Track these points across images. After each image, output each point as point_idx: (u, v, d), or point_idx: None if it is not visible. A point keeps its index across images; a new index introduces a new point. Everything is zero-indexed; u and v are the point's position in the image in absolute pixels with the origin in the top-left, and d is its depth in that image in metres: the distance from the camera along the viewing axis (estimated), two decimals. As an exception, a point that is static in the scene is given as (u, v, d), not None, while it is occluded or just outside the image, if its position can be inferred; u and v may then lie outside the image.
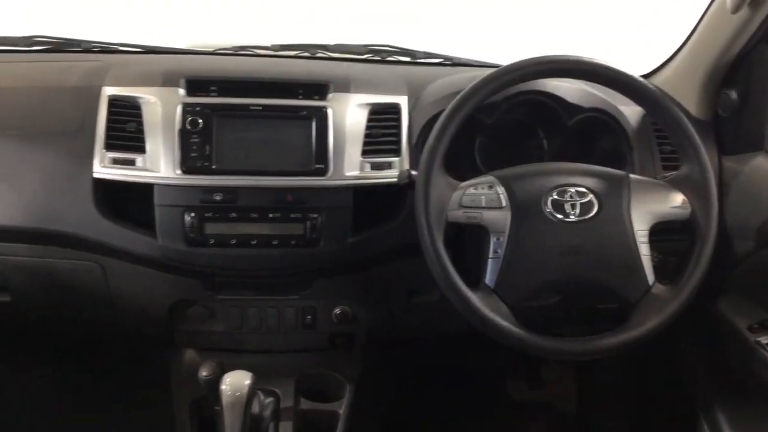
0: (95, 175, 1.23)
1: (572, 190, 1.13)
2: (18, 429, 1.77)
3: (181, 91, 1.26)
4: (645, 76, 1.57)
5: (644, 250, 1.12)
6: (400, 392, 1.87)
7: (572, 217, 1.12)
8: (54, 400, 1.81)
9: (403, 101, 1.33)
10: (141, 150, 1.23)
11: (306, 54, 1.55)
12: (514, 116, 1.40)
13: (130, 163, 1.23)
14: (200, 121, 1.24)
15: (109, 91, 1.27)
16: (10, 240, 1.28)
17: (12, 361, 1.82)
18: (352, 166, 1.26)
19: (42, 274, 1.32)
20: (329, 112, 1.27)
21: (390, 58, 1.57)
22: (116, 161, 1.23)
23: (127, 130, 1.24)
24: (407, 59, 1.57)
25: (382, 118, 1.31)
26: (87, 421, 1.77)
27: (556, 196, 1.13)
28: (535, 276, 1.12)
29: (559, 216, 1.12)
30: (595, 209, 1.13)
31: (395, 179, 1.26)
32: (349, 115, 1.29)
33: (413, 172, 1.21)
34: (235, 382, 1.15)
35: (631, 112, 1.38)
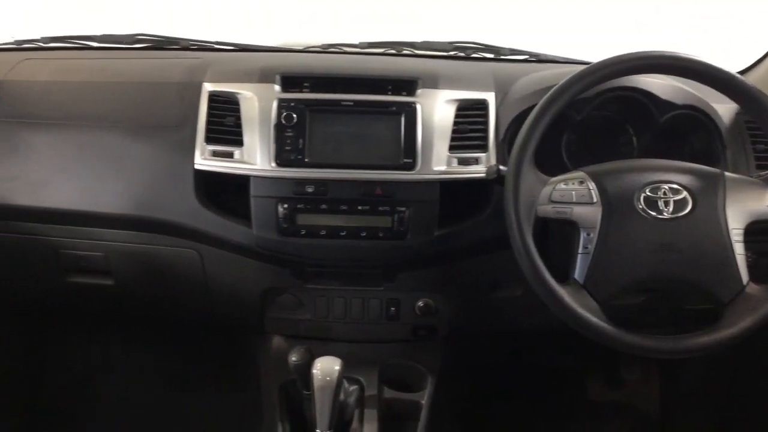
0: (196, 167, 1.29)
1: (666, 186, 1.12)
2: (119, 404, 1.87)
3: (277, 87, 1.31)
4: (739, 73, 1.53)
5: (739, 249, 1.10)
6: (479, 387, 1.88)
7: (665, 214, 1.11)
8: (153, 379, 1.91)
9: (490, 97, 1.34)
10: (239, 143, 1.28)
11: (392, 51, 1.58)
12: (604, 112, 1.39)
13: (229, 155, 1.28)
14: (294, 115, 1.28)
15: (209, 87, 1.33)
16: (116, 227, 1.36)
17: (113, 342, 1.93)
18: (439, 160, 1.29)
19: (144, 260, 1.40)
20: (418, 107, 1.30)
21: (475, 55, 1.58)
22: (215, 154, 1.29)
23: (225, 124, 1.30)
24: (492, 56, 1.58)
25: (469, 114, 1.32)
26: (182, 400, 1.86)
27: (648, 193, 1.12)
28: (626, 273, 1.11)
29: (652, 213, 1.11)
30: (689, 207, 1.11)
31: (483, 174, 1.28)
32: (437, 110, 1.31)
33: (501, 167, 1.22)
34: (326, 367, 1.18)
35: (724, 109, 1.35)
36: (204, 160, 1.29)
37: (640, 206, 1.11)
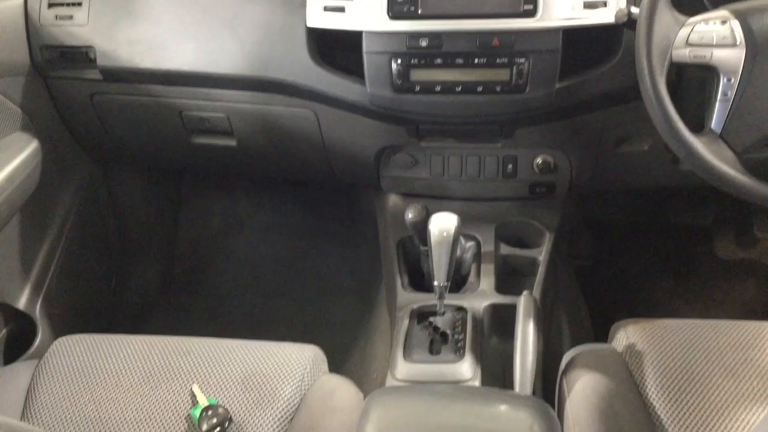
0: (308, 24, 1.27)
1: None
2: (249, 258, 2.01)
3: None
4: None
5: None
6: (600, 244, 1.85)
7: None
8: (279, 235, 2.02)
9: None
10: None
11: None
12: None
13: (340, 10, 1.24)
14: None
15: None
16: (234, 87, 1.38)
17: (241, 201, 2.04)
18: (562, 5, 1.18)
19: (263, 121, 1.43)
20: None
21: None
22: (327, 9, 1.25)
23: None
24: None
25: None
26: (307, 254, 1.97)
27: None
28: None
29: None
30: None
31: (611, 19, 1.18)
32: None
33: (633, 10, 1.11)
34: (442, 222, 1.18)
35: None
36: (316, 17, 1.26)
37: None
